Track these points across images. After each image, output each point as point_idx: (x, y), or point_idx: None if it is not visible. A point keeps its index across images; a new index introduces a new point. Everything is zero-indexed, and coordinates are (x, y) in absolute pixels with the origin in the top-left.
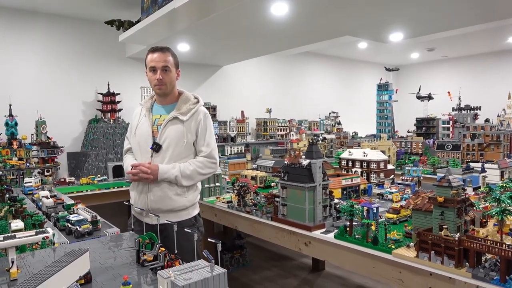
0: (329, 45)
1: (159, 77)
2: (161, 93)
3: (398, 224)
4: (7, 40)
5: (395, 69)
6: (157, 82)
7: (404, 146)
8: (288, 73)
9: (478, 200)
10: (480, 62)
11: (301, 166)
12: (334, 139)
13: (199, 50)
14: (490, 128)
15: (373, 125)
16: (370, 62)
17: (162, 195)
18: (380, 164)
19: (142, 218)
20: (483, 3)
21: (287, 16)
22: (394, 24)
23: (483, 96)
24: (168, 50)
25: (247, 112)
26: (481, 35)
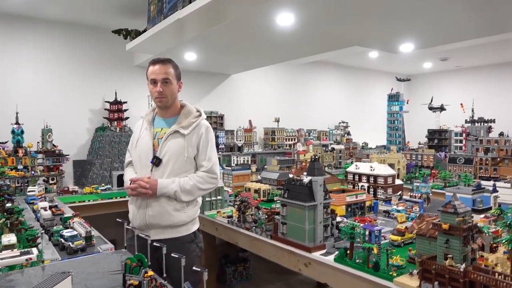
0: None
1: (160, 89)
2: (162, 106)
3: (403, 247)
4: (16, 48)
5: (406, 79)
6: (157, 95)
7: (414, 158)
8: (297, 82)
9: (489, 223)
10: (494, 73)
11: (302, 183)
12: (343, 149)
13: (207, 59)
14: (505, 142)
15: (383, 136)
16: (381, 72)
17: (161, 210)
18: (388, 179)
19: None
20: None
21: (294, 26)
22: (405, 35)
23: (497, 108)
24: (169, 62)
25: (255, 121)
26: (496, 46)
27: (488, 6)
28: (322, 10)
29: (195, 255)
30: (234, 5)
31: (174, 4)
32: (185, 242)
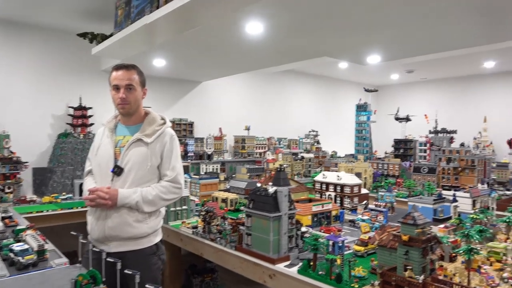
0: (309, 64)
1: (122, 95)
2: (124, 113)
3: (366, 257)
4: None
5: (374, 90)
6: (120, 101)
7: (381, 167)
8: (268, 91)
9: (448, 233)
10: (457, 85)
11: (267, 194)
12: (312, 158)
13: (177, 66)
14: (465, 152)
15: (352, 145)
16: (350, 82)
17: (121, 222)
18: (354, 189)
19: (98, 246)
20: (459, 30)
21: (263, 35)
22: (371, 47)
23: (459, 120)
24: (133, 68)
25: (225, 129)
26: (459, 60)
27: (450, 22)
28: (290, 20)
29: (156, 267)
30: (203, 12)
31: (141, 9)
32: (146, 255)
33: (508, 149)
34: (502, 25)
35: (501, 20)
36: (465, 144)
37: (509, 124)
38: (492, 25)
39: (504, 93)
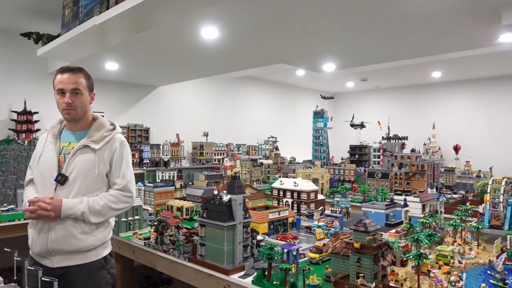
0: (267, 71)
1: (68, 100)
2: (70, 119)
3: (321, 264)
4: None
5: (330, 97)
6: (65, 106)
7: (337, 173)
8: (227, 96)
9: (399, 238)
10: (408, 94)
11: (221, 202)
12: (271, 164)
13: (130, 69)
14: (416, 158)
15: (310, 151)
16: (308, 89)
17: (65, 234)
18: (311, 195)
19: (41, 260)
20: (408, 41)
21: (219, 40)
22: (326, 56)
23: (410, 126)
24: (80, 71)
25: (182, 135)
26: (409, 69)
27: (399, 34)
28: (246, 27)
29: (105, 282)
30: (155, 15)
31: (90, 9)
32: (94, 269)
33: (455, 154)
34: (445, 37)
35: (444, 33)
36: (415, 149)
37: (455, 131)
38: (437, 37)
39: (450, 101)
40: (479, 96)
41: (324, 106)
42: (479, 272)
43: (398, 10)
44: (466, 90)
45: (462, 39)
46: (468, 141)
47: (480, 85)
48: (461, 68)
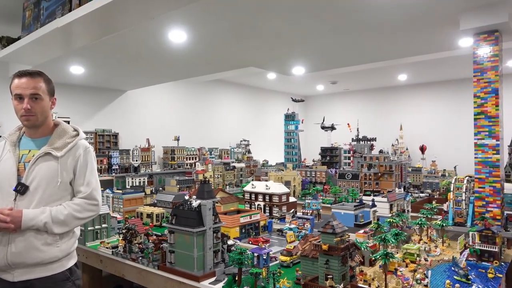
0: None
1: (27, 106)
2: (29, 125)
3: (292, 267)
4: None
5: (300, 100)
6: (24, 112)
7: (309, 175)
8: (198, 100)
9: (367, 238)
10: (376, 96)
11: (190, 208)
12: (244, 167)
13: (97, 73)
14: (384, 158)
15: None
16: (280, 92)
17: (26, 246)
18: (282, 197)
19: (0, 275)
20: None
21: (187, 44)
22: (296, 59)
23: (378, 128)
24: (39, 75)
25: (153, 140)
26: (377, 72)
27: (366, 38)
28: (214, 31)
29: None
30: (120, 17)
31: (52, 11)
32: (58, 281)
33: (421, 155)
34: (409, 42)
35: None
36: (383, 150)
37: (421, 131)
38: (401, 42)
39: (416, 103)
40: (443, 98)
41: (295, 109)
42: (444, 268)
43: (363, 16)
44: (430, 92)
45: (424, 43)
46: (434, 141)
47: (443, 87)
48: (426, 71)
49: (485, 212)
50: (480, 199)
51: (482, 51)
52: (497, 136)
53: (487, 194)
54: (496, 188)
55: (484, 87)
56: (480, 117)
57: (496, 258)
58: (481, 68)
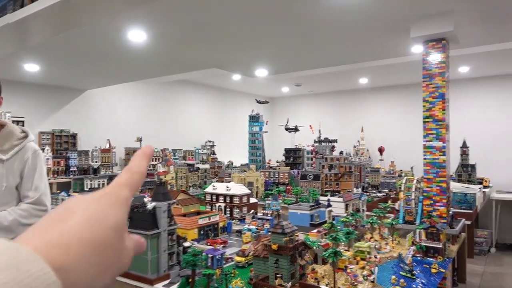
0: (204, 75)
1: None
2: None
3: (247, 268)
4: None
5: (265, 101)
6: None
7: (272, 176)
8: (163, 101)
9: (321, 237)
10: (339, 99)
11: (145, 210)
12: (208, 169)
13: (54, 71)
14: (344, 159)
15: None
16: (245, 93)
17: None
18: (243, 198)
19: None
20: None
21: (147, 44)
22: (258, 61)
23: (339, 129)
24: None
25: (114, 141)
26: (340, 75)
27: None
28: (175, 31)
29: None
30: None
31: (3, 6)
32: None
33: (380, 156)
34: (366, 47)
35: (365, 44)
36: (344, 152)
37: (381, 133)
38: (359, 47)
39: (376, 106)
40: (400, 101)
41: (260, 110)
42: (392, 265)
43: (322, 21)
44: (389, 95)
45: (381, 49)
46: (393, 143)
47: (401, 91)
48: (385, 75)
49: (432, 211)
50: (428, 198)
51: (430, 57)
52: (443, 139)
53: (435, 194)
54: (442, 187)
55: (432, 92)
56: (429, 120)
57: (440, 254)
58: (430, 74)
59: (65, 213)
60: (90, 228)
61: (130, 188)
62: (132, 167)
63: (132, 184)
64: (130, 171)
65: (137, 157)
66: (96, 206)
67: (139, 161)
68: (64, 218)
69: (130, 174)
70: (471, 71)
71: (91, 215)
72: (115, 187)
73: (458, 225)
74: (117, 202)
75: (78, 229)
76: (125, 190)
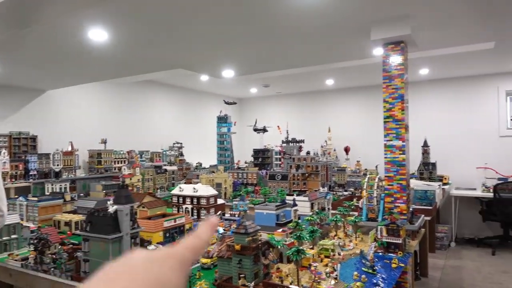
0: (171, 75)
1: None
2: None
3: (212, 269)
4: None
5: (232, 102)
6: None
7: (241, 177)
8: (128, 102)
9: (286, 236)
10: (306, 99)
11: (106, 214)
12: (176, 170)
13: (10, 71)
14: (311, 159)
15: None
16: (213, 94)
17: None
18: (210, 200)
19: None
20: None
21: (109, 43)
22: (225, 62)
23: (306, 130)
24: None
25: (77, 143)
26: (307, 76)
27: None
28: (137, 31)
29: None
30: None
31: None
32: None
33: (346, 155)
34: (330, 49)
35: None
36: (312, 152)
37: (348, 133)
38: (323, 49)
39: (342, 106)
40: (365, 101)
41: (229, 111)
42: (354, 261)
43: (286, 23)
44: (355, 96)
45: (344, 51)
46: (359, 143)
47: (365, 92)
48: (350, 76)
49: (393, 208)
50: (389, 196)
51: (390, 60)
52: (403, 138)
53: (395, 191)
54: (402, 185)
55: (392, 93)
56: (389, 120)
57: (400, 249)
58: (389, 76)
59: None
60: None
61: (195, 252)
62: (200, 234)
63: (197, 249)
64: (198, 237)
65: (205, 226)
66: (160, 269)
67: (206, 230)
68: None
69: (198, 240)
70: (431, 73)
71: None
72: (181, 250)
73: (418, 221)
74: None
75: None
76: (189, 253)
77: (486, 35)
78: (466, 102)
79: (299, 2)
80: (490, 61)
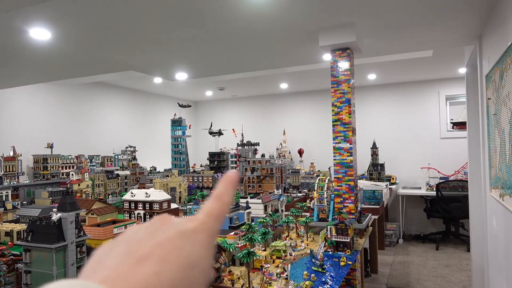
0: (122, 77)
1: None
2: None
3: None
4: None
5: (187, 105)
6: None
7: (196, 180)
8: (77, 104)
9: (238, 239)
10: (261, 103)
11: (48, 222)
12: (129, 175)
13: None
14: (266, 162)
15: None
16: (167, 97)
17: None
18: (163, 204)
19: None
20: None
21: (53, 43)
22: (177, 65)
23: (261, 133)
24: None
25: (20, 147)
26: (261, 80)
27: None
28: (82, 31)
29: None
30: None
31: None
32: None
33: (299, 157)
34: (281, 54)
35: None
36: (268, 154)
37: (302, 136)
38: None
39: (296, 110)
40: (317, 105)
41: (184, 114)
42: (305, 261)
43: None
44: (308, 100)
45: (295, 56)
46: (312, 145)
47: (318, 95)
48: (303, 80)
49: (342, 208)
50: (339, 196)
51: (337, 65)
52: (350, 140)
53: (344, 192)
54: (351, 185)
55: (339, 97)
56: (337, 124)
57: (348, 248)
58: (337, 81)
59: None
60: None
61: (219, 220)
62: (221, 195)
63: (221, 216)
64: (220, 200)
65: (223, 184)
66: (191, 247)
67: (226, 189)
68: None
69: (220, 204)
70: (378, 78)
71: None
72: (208, 219)
73: (365, 220)
74: (209, 240)
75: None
76: (216, 223)
77: (425, 44)
78: (411, 106)
79: (247, 6)
80: (430, 67)
